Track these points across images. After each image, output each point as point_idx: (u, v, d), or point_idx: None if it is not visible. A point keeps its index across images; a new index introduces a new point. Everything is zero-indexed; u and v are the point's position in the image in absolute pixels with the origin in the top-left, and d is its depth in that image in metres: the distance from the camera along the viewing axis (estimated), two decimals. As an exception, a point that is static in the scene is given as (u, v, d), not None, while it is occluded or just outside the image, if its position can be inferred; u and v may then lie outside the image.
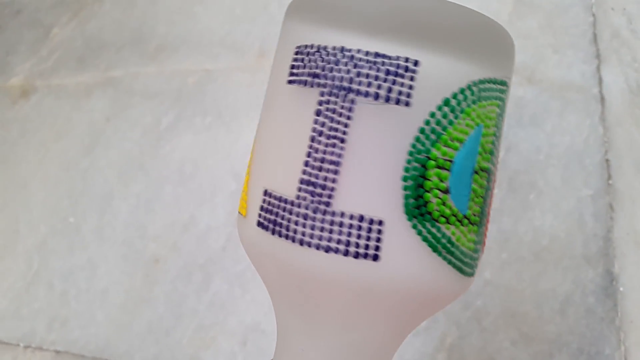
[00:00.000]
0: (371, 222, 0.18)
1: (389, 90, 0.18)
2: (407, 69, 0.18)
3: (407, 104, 0.18)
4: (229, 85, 0.42)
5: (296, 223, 0.19)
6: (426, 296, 0.20)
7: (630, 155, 0.35)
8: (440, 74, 0.19)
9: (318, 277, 0.19)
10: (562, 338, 0.31)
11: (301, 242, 0.19)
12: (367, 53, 0.18)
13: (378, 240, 0.18)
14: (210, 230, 0.37)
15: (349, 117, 0.18)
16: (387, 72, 0.18)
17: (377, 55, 0.18)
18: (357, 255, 0.18)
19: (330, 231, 0.18)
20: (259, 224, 0.20)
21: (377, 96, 0.18)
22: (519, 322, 0.32)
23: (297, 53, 0.20)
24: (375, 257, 0.18)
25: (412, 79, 0.18)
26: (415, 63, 0.18)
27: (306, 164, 0.19)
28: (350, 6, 0.19)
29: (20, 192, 0.41)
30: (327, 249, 0.18)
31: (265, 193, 0.20)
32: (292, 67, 0.20)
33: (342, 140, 0.18)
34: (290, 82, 0.20)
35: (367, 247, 0.18)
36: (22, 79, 0.46)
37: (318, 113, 0.19)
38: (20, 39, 0.47)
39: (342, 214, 0.18)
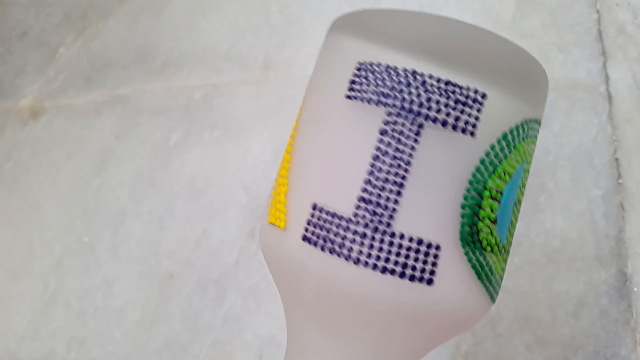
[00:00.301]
0: (429, 246, 0.19)
1: (457, 118, 0.19)
2: (475, 100, 0.19)
3: (472, 134, 0.19)
4: (235, 99, 0.42)
5: (352, 241, 0.19)
6: (464, 319, 0.20)
7: (640, 153, 0.35)
8: (501, 109, 0.19)
9: (367, 297, 0.19)
10: (577, 341, 0.31)
11: (356, 261, 0.18)
12: (438, 80, 0.19)
13: (434, 264, 0.19)
14: (222, 245, 0.37)
15: (415, 140, 0.19)
16: (457, 101, 0.19)
17: (448, 83, 0.19)
18: (412, 278, 0.18)
19: (389, 252, 0.18)
20: (305, 238, 0.19)
21: (445, 123, 0.19)
22: (533, 326, 0.32)
23: (359, 69, 0.20)
24: (430, 281, 0.19)
25: (478, 110, 0.19)
26: (483, 96, 0.19)
27: (367, 182, 0.19)
28: (425, 32, 0.20)
29: (34, 213, 0.42)
30: (384, 270, 0.18)
31: (315, 207, 0.19)
32: (353, 82, 0.20)
33: (408, 163, 0.19)
34: (350, 97, 0.20)
35: (423, 270, 0.19)
36: (31, 100, 0.46)
37: (383, 132, 0.19)
38: (28, 60, 0.48)
39: (402, 236, 0.18)
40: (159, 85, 0.44)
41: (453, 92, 0.19)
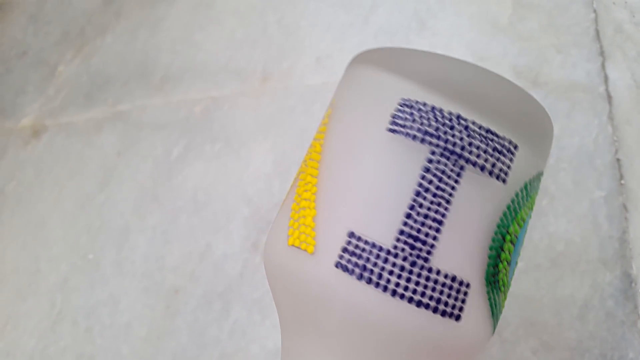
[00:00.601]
0: (461, 283, 0.19)
1: (493, 165, 0.20)
2: (509, 150, 0.20)
3: (504, 181, 0.20)
4: (235, 111, 0.42)
5: (390, 273, 0.19)
6: (475, 352, 0.21)
7: (641, 153, 0.34)
8: (525, 161, 0.21)
9: (397, 328, 0.19)
10: (584, 344, 0.31)
11: (393, 293, 0.19)
12: (480, 127, 0.20)
13: (463, 301, 0.19)
14: (226, 258, 0.38)
15: (456, 181, 0.20)
16: (494, 149, 0.20)
17: (488, 131, 0.20)
18: (443, 313, 0.19)
19: (425, 286, 0.19)
20: (339, 265, 0.19)
21: (483, 168, 0.20)
22: (539, 330, 0.32)
23: (402, 105, 0.20)
24: (458, 317, 0.19)
25: (511, 160, 0.21)
26: (515, 147, 0.21)
27: (408, 216, 0.19)
28: (470, 81, 0.21)
29: (39, 232, 0.42)
30: (419, 304, 0.19)
31: (352, 235, 0.19)
32: (396, 117, 0.20)
33: (447, 201, 0.19)
34: (392, 130, 0.20)
35: (453, 306, 0.19)
36: (32, 119, 0.46)
37: (426, 170, 0.19)
38: (28, 79, 0.48)
39: (438, 272, 0.19)
40: (159, 100, 0.44)
41: (492, 140, 0.20)
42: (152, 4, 0.49)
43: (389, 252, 0.19)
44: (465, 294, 0.19)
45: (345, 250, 0.19)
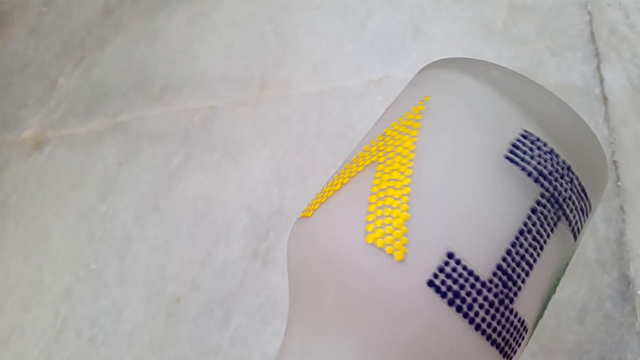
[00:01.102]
0: (525, 328, 0.19)
1: (577, 222, 0.21)
2: (588, 213, 0.21)
3: (575, 238, 0.21)
4: (233, 120, 0.43)
5: (481, 306, 0.18)
6: None
7: (638, 155, 0.34)
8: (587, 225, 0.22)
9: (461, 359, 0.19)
10: (582, 347, 0.31)
11: (477, 327, 0.18)
12: (580, 184, 0.21)
13: (519, 344, 0.19)
14: (227, 265, 0.38)
15: (552, 230, 0.20)
16: (581, 208, 0.21)
17: (583, 190, 0.21)
18: (505, 354, 0.19)
19: (503, 326, 0.18)
20: (432, 284, 0.18)
21: (570, 223, 0.20)
22: (537, 333, 0.32)
23: (524, 137, 0.20)
24: (510, 359, 0.19)
25: (585, 221, 0.21)
26: (591, 211, 0.22)
27: (509, 252, 0.19)
28: (581, 144, 0.21)
29: (42, 243, 0.43)
30: (493, 342, 0.18)
31: (451, 256, 0.18)
32: (516, 146, 0.20)
33: (542, 248, 0.19)
34: (509, 159, 0.20)
35: (514, 350, 0.19)
36: (34, 131, 0.47)
37: (533, 211, 0.19)
38: (29, 92, 0.49)
39: (516, 314, 0.19)
40: (158, 111, 0.45)
41: (582, 200, 0.21)
42: (150, 15, 0.50)
43: (484, 285, 0.18)
44: (523, 338, 0.19)
45: (441, 269, 0.18)
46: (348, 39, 0.44)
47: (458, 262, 0.18)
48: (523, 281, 0.19)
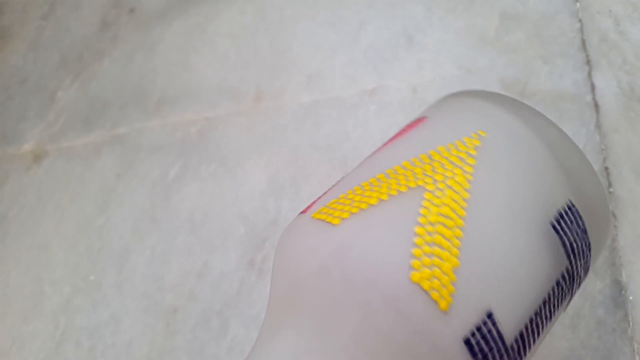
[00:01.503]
0: None
1: (569, 301, 0.21)
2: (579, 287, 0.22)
3: (564, 309, 0.21)
4: (229, 131, 0.43)
5: None
6: None
7: (629, 161, 0.35)
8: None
9: None
10: (575, 353, 0.31)
11: None
12: (585, 272, 0.21)
13: None
14: (223, 276, 0.38)
15: (561, 303, 0.20)
16: (580, 283, 0.21)
17: (586, 273, 0.21)
18: None
19: None
20: (468, 343, 0.17)
21: (568, 301, 0.21)
22: (531, 340, 0.32)
23: (570, 207, 0.20)
24: None
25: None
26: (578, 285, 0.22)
27: (531, 320, 0.18)
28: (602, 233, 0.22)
29: (42, 255, 0.43)
30: None
31: (490, 316, 0.17)
32: (562, 216, 0.19)
33: (551, 320, 0.20)
34: (554, 227, 0.19)
35: None
36: (33, 144, 0.47)
37: (558, 283, 0.19)
38: (28, 105, 0.49)
39: None
40: (155, 123, 0.45)
41: (585, 276, 0.21)
42: (147, 28, 0.51)
43: (506, 350, 0.18)
44: None
45: (479, 329, 0.17)
46: (342, 49, 0.44)
47: (494, 323, 0.17)
48: (530, 349, 0.19)
